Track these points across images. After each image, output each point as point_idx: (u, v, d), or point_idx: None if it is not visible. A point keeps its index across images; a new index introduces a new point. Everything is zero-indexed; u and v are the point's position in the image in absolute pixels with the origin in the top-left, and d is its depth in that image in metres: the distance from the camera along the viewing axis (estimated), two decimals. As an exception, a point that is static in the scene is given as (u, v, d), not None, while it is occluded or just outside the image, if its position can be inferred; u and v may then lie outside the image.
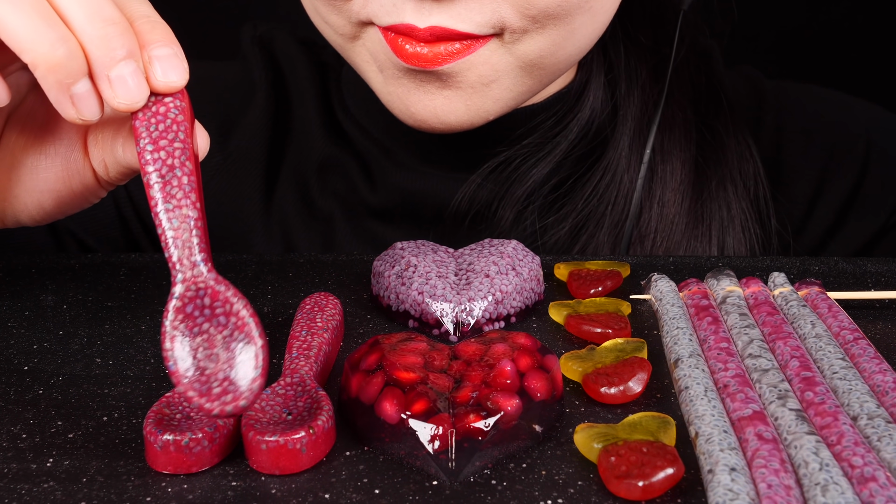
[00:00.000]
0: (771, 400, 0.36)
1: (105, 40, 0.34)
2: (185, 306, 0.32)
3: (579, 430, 0.34)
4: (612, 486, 0.32)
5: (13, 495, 0.32)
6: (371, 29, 0.50)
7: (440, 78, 0.49)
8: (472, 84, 0.49)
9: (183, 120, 0.35)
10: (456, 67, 0.48)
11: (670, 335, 0.42)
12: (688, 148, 0.60)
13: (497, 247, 0.48)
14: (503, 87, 0.50)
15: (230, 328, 0.32)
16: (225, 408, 0.31)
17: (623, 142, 0.58)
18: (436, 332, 0.44)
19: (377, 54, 0.50)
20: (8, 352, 0.43)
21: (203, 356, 0.32)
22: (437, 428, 0.33)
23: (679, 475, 0.32)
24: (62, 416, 0.37)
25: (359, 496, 0.32)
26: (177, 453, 0.33)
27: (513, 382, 0.35)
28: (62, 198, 0.42)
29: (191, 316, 0.32)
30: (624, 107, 0.59)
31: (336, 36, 0.52)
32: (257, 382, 0.31)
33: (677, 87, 0.61)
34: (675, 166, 0.59)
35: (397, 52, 0.48)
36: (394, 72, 0.50)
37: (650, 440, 0.33)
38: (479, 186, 0.58)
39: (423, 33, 0.46)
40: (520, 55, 0.49)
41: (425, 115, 0.50)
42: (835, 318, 0.43)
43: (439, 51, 0.47)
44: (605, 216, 0.58)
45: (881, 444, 0.33)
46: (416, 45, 0.47)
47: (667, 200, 0.59)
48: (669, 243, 0.59)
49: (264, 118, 0.63)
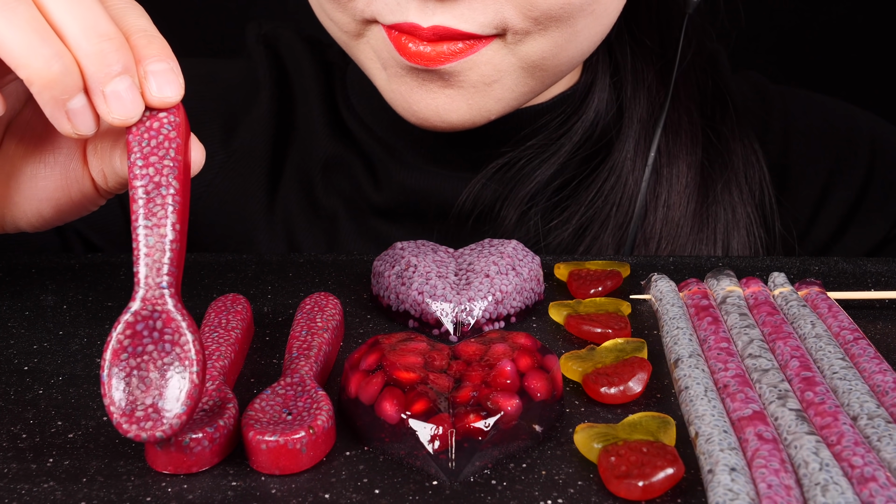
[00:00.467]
0: (771, 400, 0.36)
1: (100, 56, 0.34)
2: (137, 323, 0.33)
3: (579, 430, 0.34)
4: (612, 486, 0.32)
5: (13, 495, 0.32)
6: (375, 27, 0.50)
7: (442, 77, 0.49)
8: (474, 83, 0.49)
9: (175, 136, 0.35)
10: (458, 67, 0.48)
11: (670, 335, 0.42)
12: (694, 151, 0.60)
13: (497, 247, 0.48)
14: (505, 87, 0.50)
15: (172, 357, 0.32)
16: (141, 434, 0.31)
17: (629, 143, 0.59)
18: (436, 332, 0.44)
19: (381, 52, 0.50)
20: (8, 352, 0.43)
21: (136, 378, 0.32)
22: (437, 428, 0.33)
23: (679, 475, 0.32)
24: (62, 416, 0.37)
25: (359, 496, 0.32)
26: (177, 453, 0.33)
27: (513, 382, 0.35)
28: (61, 206, 0.42)
29: (139, 334, 0.32)
30: (630, 108, 0.59)
31: (341, 33, 0.52)
32: (180, 419, 0.31)
33: (683, 90, 0.61)
34: (680, 169, 0.59)
35: (401, 50, 0.48)
36: (397, 70, 0.50)
37: (650, 440, 0.33)
38: (484, 186, 0.58)
39: (426, 32, 0.47)
40: (522, 56, 0.49)
41: (427, 114, 0.50)
42: (835, 318, 0.43)
43: (442, 50, 0.47)
44: (610, 218, 0.58)
45: (881, 444, 0.33)
46: (420, 44, 0.47)
47: (672, 203, 0.59)
48: (674, 246, 0.59)
49: (268, 116, 0.63)
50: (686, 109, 0.61)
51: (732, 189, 0.60)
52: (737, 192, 0.60)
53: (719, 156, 0.60)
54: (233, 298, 0.44)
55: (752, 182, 0.61)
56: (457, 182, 0.59)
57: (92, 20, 0.34)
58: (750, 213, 0.60)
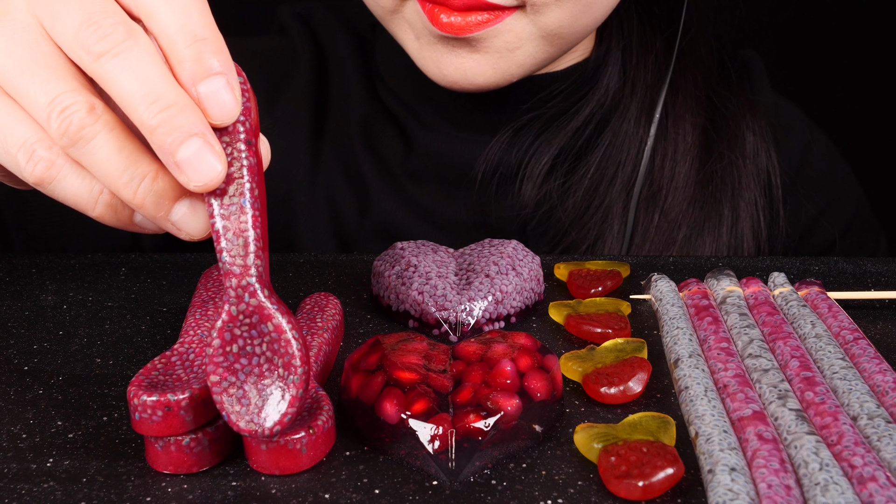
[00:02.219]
0: (771, 400, 0.36)
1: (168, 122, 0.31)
2: (235, 327, 0.32)
3: (579, 430, 0.34)
4: (612, 486, 0.32)
5: (13, 495, 0.32)
6: (411, 3, 0.56)
7: (470, 44, 0.54)
8: (498, 49, 0.55)
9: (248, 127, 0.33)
10: (484, 34, 0.54)
11: (670, 335, 0.42)
12: (698, 112, 0.64)
13: (497, 247, 0.48)
14: (526, 53, 0.56)
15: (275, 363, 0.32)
16: (252, 427, 0.31)
17: (633, 106, 0.63)
18: (436, 332, 0.44)
19: (415, 24, 0.56)
20: (8, 352, 0.43)
21: (245, 372, 0.32)
22: (437, 428, 0.33)
23: (679, 475, 0.32)
24: (62, 416, 0.37)
25: (359, 496, 0.32)
26: (177, 453, 0.33)
27: (513, 382, 0.35)
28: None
29: (238, 337, 0.32)
30: (636, 74, 0.64)
31: (380, 9, 0.58)
32: (277, 427, 0.31)
33: (689, 58, 0.65)
34: (685, 129, 0.64)
35: (434, 21, 0.54)
36: (429, 38, 0.56)
37: (650, 440, 0.33)
38: (502, 150, 0.63)
39: (457, 3, 0.53)
40: (541, 25, 0.54)
41: (456, 77, 0.56)
42: (835, 319, 0.43)
43: (470, 20, 0.53)
44: (617, 175, 0.63)
45: (881, 444, 0.33)
46: (451, 16, 0.53)
47: (678, 159, 0.63)
48: (680, 206, 0.62)
49: (308, 84, 0.68)
50: (691, 75, 0.65)
51: (737, 158, 0.64)
52: (742, 164, 0.64)
53: (725, 125, 0.65)
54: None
55: (759, 163, 0.65)
56: (475, 145, 0.63)
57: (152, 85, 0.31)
58: (753, 188, 0.64)
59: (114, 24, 0.32)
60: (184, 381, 0.33)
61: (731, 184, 0.63)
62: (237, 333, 0.32)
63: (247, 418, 0.31)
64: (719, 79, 0.66)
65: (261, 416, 0.31)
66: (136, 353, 0.42)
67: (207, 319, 0.38)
